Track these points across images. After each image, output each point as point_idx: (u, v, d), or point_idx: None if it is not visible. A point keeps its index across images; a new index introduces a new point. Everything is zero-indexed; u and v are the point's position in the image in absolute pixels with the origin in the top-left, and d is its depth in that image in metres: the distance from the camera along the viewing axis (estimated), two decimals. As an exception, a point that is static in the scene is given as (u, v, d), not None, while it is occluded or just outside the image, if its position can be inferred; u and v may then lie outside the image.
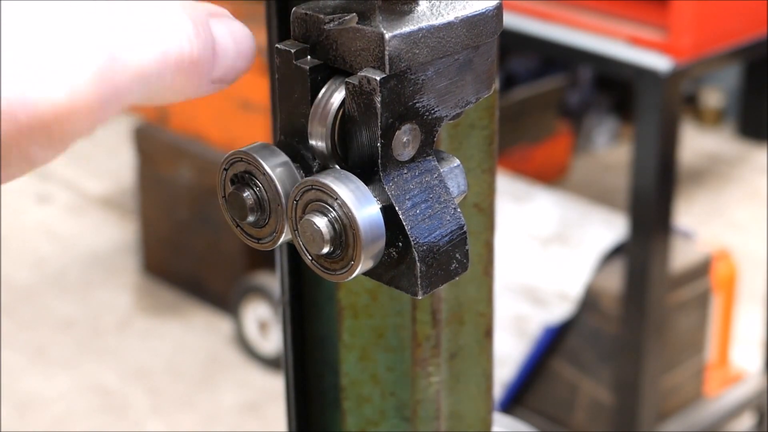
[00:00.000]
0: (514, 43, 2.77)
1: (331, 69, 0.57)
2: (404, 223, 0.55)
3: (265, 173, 0.57)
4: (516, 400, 2.88)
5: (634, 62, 2.44)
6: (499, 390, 2.82)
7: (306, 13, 0.57)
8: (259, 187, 0.58)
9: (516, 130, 3.94)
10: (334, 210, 0.55)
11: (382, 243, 0.55)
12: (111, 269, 3.78)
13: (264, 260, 3.37)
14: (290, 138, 0.58)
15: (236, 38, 0.52)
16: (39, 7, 0.43)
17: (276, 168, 0.57)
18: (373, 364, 0.72)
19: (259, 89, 3.49)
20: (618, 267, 2.70)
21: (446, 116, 0.58)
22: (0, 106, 0.41)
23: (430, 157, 0.57)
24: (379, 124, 0.54)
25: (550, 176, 4.12)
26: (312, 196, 0.56)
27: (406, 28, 0.55)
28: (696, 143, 4.60)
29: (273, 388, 3.27)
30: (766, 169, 4.34)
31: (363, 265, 0.55)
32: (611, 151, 4.52)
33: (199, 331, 3.49)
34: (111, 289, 3.69)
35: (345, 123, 0.56)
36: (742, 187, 4.34)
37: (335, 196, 0.55)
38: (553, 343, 2.80)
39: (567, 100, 4.33)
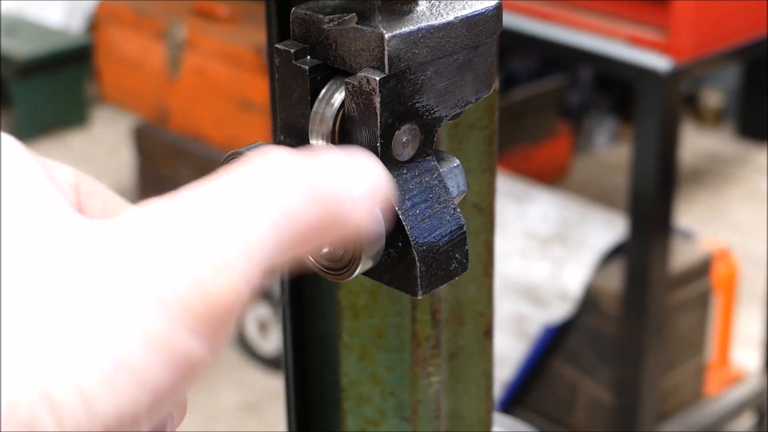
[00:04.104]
0: (514, 43, 2.76)
1: (331, 69, 0.57)
2: (404, 223, 0.55)
3: (264, 173, 0.57)
4: (516, 400, 2.88)
5: (634, 62, 2.44)
6: (499, 390, 2.82)
7: (306, 13, 0.57)
8: (259, 187, 0.58)
9: (516, 130, 3.94)
10: (334, 210, 0.55)
11: (382, 243, 0.55)
12: (111, 269, 3.78)
13: (264, 260, 3.37)
14: (290, 138, 0.58)
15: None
16: None
17: (276, 168, 0.57)
18: (373, 364, 0.72)
19: (259, 89, 3.49)
20: (618, 267, 2.70)
21: (446, 116, 0.57)
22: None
23: (430, 157, 0.57)
24: (379, 124, 0.54)
25: (550, 176, 4.12)
26: (312, 196, 0.56)
27: (406, 28, 0.55)
28: (696, 143, 4.60)
29: (273, 388, 3.26)
30: (766, 169, 4.34)
31: (363, 265, 0.55)
32: (611, 151, 4.52)
33: (199, 331, 3.49)
34: (111, 289, 3.68)
35: (345, 123, 0.56)
36: (742, 187, 4.34)
37: (335, 196, 0.54)
38: (553, 343, 2.80)
39: (567, 100, 4.33)
